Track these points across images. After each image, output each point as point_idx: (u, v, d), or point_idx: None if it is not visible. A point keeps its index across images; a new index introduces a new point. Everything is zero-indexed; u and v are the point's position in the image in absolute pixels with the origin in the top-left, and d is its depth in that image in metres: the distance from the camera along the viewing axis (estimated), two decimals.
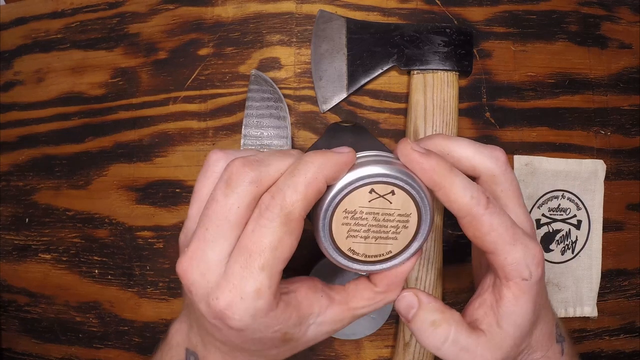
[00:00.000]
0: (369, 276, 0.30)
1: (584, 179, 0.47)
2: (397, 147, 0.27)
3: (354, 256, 0.28)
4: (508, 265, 0.28)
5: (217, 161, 0.28)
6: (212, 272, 0.25)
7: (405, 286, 0.32)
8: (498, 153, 0.30)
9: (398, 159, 0.27)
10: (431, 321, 0.29)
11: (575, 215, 0.47)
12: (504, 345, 0.29)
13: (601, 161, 0.47)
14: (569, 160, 0.47)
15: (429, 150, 0.27)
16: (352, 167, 0.26)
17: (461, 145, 0.30)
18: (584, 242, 0.47)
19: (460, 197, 0.27)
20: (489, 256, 0.28)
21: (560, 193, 0.47)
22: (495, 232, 0.27)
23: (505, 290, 0.28)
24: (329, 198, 0.26)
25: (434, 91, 0.44)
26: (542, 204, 0.47)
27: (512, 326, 0.29)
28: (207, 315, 0.25)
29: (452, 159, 0.29)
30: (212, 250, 0.25)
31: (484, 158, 0.29)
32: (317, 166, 0.25)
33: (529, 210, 0.46)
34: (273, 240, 0.24)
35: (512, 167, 0.47)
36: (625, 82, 0.49)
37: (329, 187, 0.26)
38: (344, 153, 0.26)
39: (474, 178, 0.30)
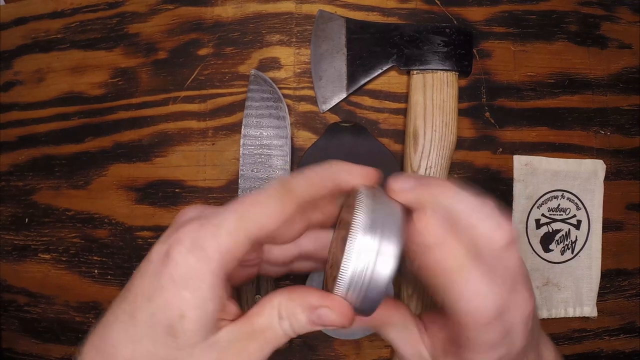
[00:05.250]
0: None
1: (583, 179, 0.47)
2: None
3: None
4: None
5: None
6: None
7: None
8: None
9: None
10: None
11: (575, 215, 0.47)
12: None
13: (601, 161, 0.47)
14: (568, 160, 0.47)
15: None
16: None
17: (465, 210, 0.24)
18: (583, 242, 0.47)
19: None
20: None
21: (560, 193, 0.47)
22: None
23: None
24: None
25: (434, 91, 0.44)
26: (542, 203, 0.47)
27: None
28: None
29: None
30: None
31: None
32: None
33: (529, 210, 0.46)
34: None
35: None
36: (625, 82, 0.49)
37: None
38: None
39: None
